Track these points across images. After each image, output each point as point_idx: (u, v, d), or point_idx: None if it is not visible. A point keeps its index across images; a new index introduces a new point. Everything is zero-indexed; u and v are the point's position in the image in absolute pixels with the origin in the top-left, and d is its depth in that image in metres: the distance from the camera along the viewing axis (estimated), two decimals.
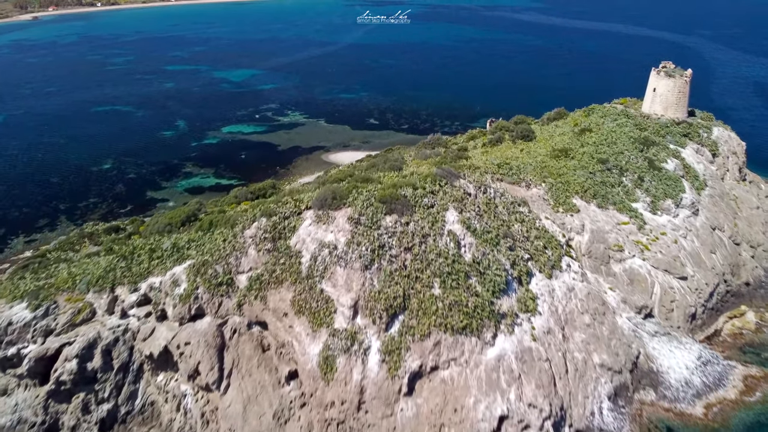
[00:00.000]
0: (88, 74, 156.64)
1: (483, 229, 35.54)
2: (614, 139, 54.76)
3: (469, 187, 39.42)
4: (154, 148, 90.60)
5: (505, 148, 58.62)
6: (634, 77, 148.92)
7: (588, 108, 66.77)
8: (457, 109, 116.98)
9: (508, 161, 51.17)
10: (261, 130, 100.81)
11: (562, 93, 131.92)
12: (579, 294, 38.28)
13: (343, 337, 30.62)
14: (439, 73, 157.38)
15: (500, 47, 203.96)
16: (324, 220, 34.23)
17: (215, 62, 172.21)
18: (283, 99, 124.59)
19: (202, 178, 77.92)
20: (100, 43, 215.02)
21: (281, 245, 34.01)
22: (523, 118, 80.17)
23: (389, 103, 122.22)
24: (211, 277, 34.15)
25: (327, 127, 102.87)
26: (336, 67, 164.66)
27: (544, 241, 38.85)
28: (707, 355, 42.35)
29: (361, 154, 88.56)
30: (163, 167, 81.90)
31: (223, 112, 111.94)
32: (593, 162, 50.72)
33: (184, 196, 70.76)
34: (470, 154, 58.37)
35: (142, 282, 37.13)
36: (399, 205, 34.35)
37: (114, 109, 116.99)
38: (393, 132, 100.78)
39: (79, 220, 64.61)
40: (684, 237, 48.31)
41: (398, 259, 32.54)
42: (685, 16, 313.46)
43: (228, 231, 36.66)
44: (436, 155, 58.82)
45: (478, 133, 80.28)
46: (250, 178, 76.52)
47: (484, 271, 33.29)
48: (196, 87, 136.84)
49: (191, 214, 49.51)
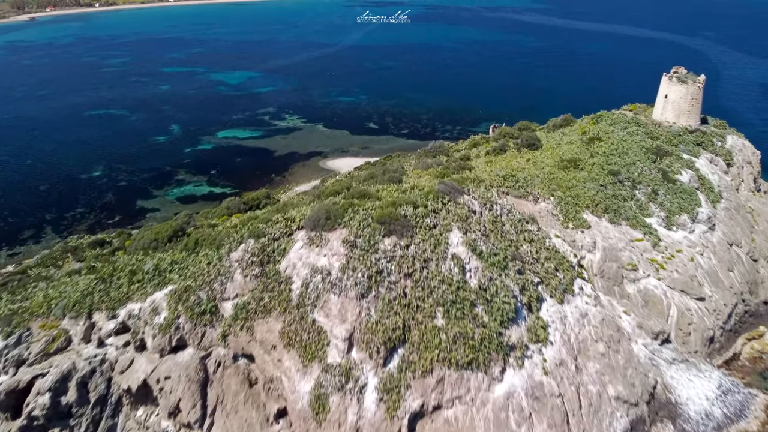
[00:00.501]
0: (83, 76, 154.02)
1: (489, 251, 32.83)
2: (625, 149, 52.05)
3: (474, 204, 36.73)
4: (147, 154, 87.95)
5: (510, 157, 55.94)
6: (639, 80, 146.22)
7: (596, 115, 64.06)
8: (459, 113, 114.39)
9: (514, 173, 48.48)
10: (257, 135, 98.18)
11: (565, 96, 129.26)
12: (593, 320, 35.57)
13: (336, 373, 27.93)
14: (440, 76, 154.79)
15: (502, 49, 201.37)
16: (317, 242, 31.54)
17: (213, 64, 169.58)
18: (281, 102, 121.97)
19: (195, 186, 75.28)
20: (97, 45, 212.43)
21: (270, 270, 31.32)
22: (527, 125, 77.56)
23: (389, 106, 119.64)
24: (194, 304, 31.45)
25: (325, 132, 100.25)
26: (335, 69, 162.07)
27: (555, 263, 36.15)
28: (727, 384, 39.65)
29: (360, 160, 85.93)
30: (155, 174, 79.24)
31: (218, 116, 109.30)
32: (604, 174, 48.01)
33: (175, 206, 68.15)
34: (473, 164, 55.74)
35: (120, 308, 34.45)
36: (398, 226, 31.66)
37: (108, 113, 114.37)
38: (393, 137, 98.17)
39: (65, 232, 61.96)
40: (701, 254, 45.62)
41: (397, 286, 29.84)
42: (687, 17, 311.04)
43: (213, 253, 33.97)
44: (438, 165, 56.24)
45: (480, 140, 77.67)
46: (244, 186, 73.93)
47: (492, 299, 30.59)
48: (192, 90, 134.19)
49: (179, 229, 46.84)
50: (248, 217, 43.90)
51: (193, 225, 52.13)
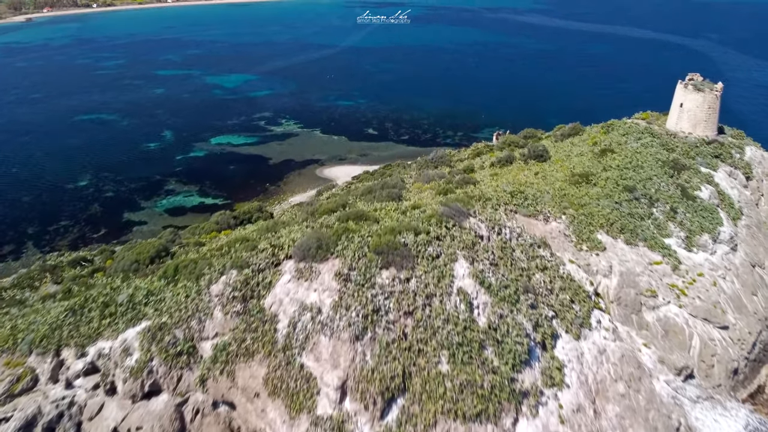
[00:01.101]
0: (77, 79, 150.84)
1: (499, 283, 29.58)
2: (640, 162, 48.84)
3: (481, 227, 33.49)
4: (137, 162, 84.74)
5: (517, 169, 52.71)
6: (645, 83, 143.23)
7: (606, 124, 60.86)
8: (461, 118, 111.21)
9: (522, 188, 45.23)
10: (252, 141, 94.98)
11: (569, 100, 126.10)
12: (612, 357, 32.31)
13: (327, 427, 24.68)
14: (441, 79, 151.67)
15: (504, 51, 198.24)
16: (306, 275, 28.28)
17: (208, 67, 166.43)
18: (278, 106, 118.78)
19: (185, 196, 72.07)
20: (92, 46, 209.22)
21: (253, 307, 28.06)
22: (532, 132, 74.39)
23: (389, 111, 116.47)
24: (169, 345, 28.18)
25: (322, 138, 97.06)
26: (334, 71, 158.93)
27: (571, 293, 32.92)
28: (755, 422, 36.43)
29: (358, 168, 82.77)
30: (144, 184, 76.03)
31: (213, 121, 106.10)
32: (618, 190, 44.80)
33: (163, 218, 65.00)
34: (478, 176, 52.52)
35: (90, 345, 31.16)
36: (398, 257, 28.40)
37: (99, 117, 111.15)
38: (392, 144, 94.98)
39: (46, 247, 58.77)
40: (723, 278, 42.38)
41: (397, 327, 26.59)
42: (689, 19, 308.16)
43: (192, 284, 30.68)
44: (440, 177, 53.11)
45: (484, 148, 74.57)
46: (237, 197, 70.82)
47: (503, 339, 27.34)
48: (187, 93, 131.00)
49: (161, 249, 43.66)
50: (234, 239, 40.66)
51: (178, 243, 48.96)
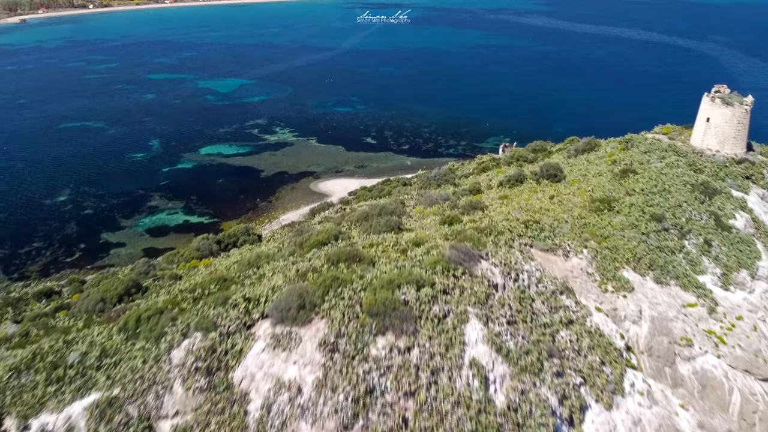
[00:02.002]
0: (66, 84, 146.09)
1: (519, 348, 24.71)
2: (667, 186, 44.02)
3: (495, 273, 28.63)
4: (121, 175, 79.96)
5: (528, 191, 47.86)
6: (655, 89, 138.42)
7: (624, 139, 56.05)
8: (463, 126, 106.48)
9: (537, 216, 40.40)
10: (244, 151, 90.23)
11: (577, 107, 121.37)
12: (647, 427, 27.49)
13: None
14: (442, 83, 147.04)
15: (506, 54, 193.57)
16: (284, 343, 23.38)
17: (202, 70, 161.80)
18: (272, 113, 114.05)
19: (169, 214, 67.27)
20: (85, 48, 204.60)
21: (220, 381, 23.12)
22: (542, 145, 69.69)
23: (388, 118, 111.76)
24: (120, 425, 23.20)
25: (318, 148, 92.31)
26: (332, 76, 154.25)
27: (601, 352, 28.06)
28: None
29: (355, 182, 78.00)
30: (125, 200, 71.25)
31: (204, 129, 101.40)
32: (645, 218, 39.96)
33: (143, 240, 60.28)
34: (485, 199, 47.72)
35: (33, 417, 26.15)
36: (396, 320, 23.51)
37: (85, 125, 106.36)
38: (392, 154, 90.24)
39: (15, 273, 54.01)
40: (763, 320, 37.56)
41: (395, 411, 21.66)
42: (694, 21, 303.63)
43: (151, 346, 25.77)
44: (444, 199, 48.46)
45: (489, 162, 69.87)
46: (224, 215, 66.09)
47: (524, 422, 22.43)
48: (178, 99, 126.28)
49: (132, 285, 38.90)
50: (209, 278, 35.79)
51: (153, 275, 44.21)
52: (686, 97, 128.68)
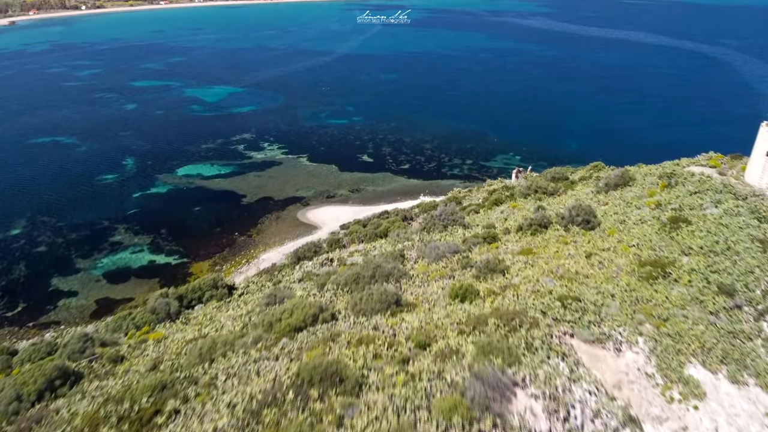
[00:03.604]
0: (44, 92, 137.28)
1: None
2: (731, 242, 35.09)
3: (537, 414, 19.80)
4: (85, 201, 71.26)
5: (556, 243, 39.06)
6: (673, 97, 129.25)
7: (665, 172, 47.14)
8: (468, 141, 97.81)
9: (573, 285, 31.52)
10: (226, 172, 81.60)
11: (591, 119, 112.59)
12: None
13: None
14: (444, 91, 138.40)
15: (511, 59, 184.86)
16: None
17: (190, 77, 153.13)
18: (262, 126, 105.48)
19: (133, 252, 58.61)
20: (71, 52, 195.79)
21: None
22: (561, 173, 60.93)
23: (387, 131, 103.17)
24: None
25: (309, 168, 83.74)
26: (328, 83, 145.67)
27: None
28: None
29: (349, 210, 69.34)
30: (87, 234, 62.56)
31: (184, 145, 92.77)
32: (711, 291, 30.95)
33: (99, 287, 51.70)
34: (504, 252, 38.94)
35: None
36: None
37: (55, 141, 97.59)
38: (390, 175, 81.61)
39: None
40: None
41: None
42: (702, 24, 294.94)
43: None
44: (452, 251, 39.59)
45: (502, 191, 61.12)
46: (196, 253, 57.50)
47: None
48: (161, 110, 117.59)
49: (59, 375, 30.25)
50: (141, 387, 27.12)
51: (89, 355, 35.42)
52: (708, 109, 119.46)
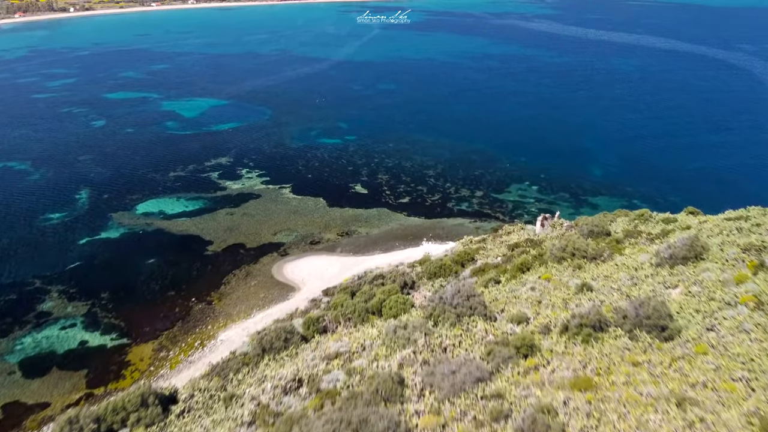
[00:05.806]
0: (10, 106, 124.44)
1: None
2: None
3: None
4: (19, 252, 58.83)
5: (622, 364, 26.74)
6: (701, 111, 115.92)
7: (750, 242, 35.06)
8: (477, 165, 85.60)
9: None
10: (194, 209, 69.18)
11: (613, 137, 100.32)
12: None
13: None
14: (447, 104, 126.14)
15: (518, 66, 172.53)
16: None
17: (171, 87, 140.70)
18: (242, 147, 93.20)
19: (63, 327, 46.25)
20: (48, 59, 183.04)
21: None
22: (601, 225, 48.50)
23: (384, 153, 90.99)
24: None
25: (292, 202, 71.46)
26: (321, 94, 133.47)
27: None
28: None
29: (335, 263, 57.06)
30: (12, 299, 50.08)
31: (149, 174, 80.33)
32: None
33: (10, 383, 39.45)
34: (555, 395, 26.57)
35: None
36: None
37: (6, 167, 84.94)
38: (387, 211, 69.27)
39: None
40: None
41: None
42: (712, 27, 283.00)
43: None
44: (474, 380, 26.89)
45: (526, 248, 48.78)
46: (140, 331, 45.18)
47: None
48: (132, 127, 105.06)
49: None
50: None
51: None
52: (744, 123, 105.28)
